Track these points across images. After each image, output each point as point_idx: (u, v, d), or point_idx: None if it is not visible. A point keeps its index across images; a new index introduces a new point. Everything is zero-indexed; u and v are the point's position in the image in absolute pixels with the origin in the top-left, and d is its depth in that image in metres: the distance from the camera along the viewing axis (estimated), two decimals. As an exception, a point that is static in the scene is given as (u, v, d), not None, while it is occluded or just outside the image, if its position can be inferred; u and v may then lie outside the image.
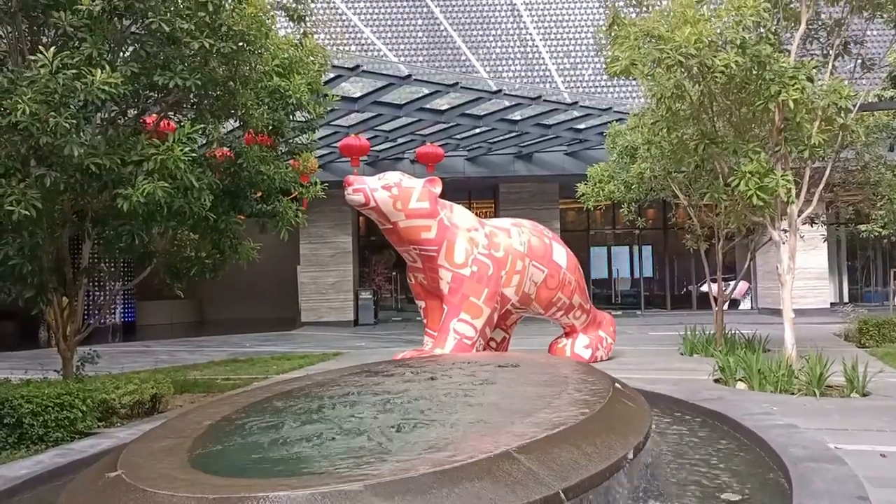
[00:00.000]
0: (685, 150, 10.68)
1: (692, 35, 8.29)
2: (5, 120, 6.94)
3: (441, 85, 16.23)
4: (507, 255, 10.70)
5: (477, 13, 23.88)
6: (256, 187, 9.89)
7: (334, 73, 14.39)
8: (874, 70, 11.47)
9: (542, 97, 17.45)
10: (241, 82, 8.73)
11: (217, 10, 7.84)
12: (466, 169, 22.96)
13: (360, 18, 23.05)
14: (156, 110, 9.07)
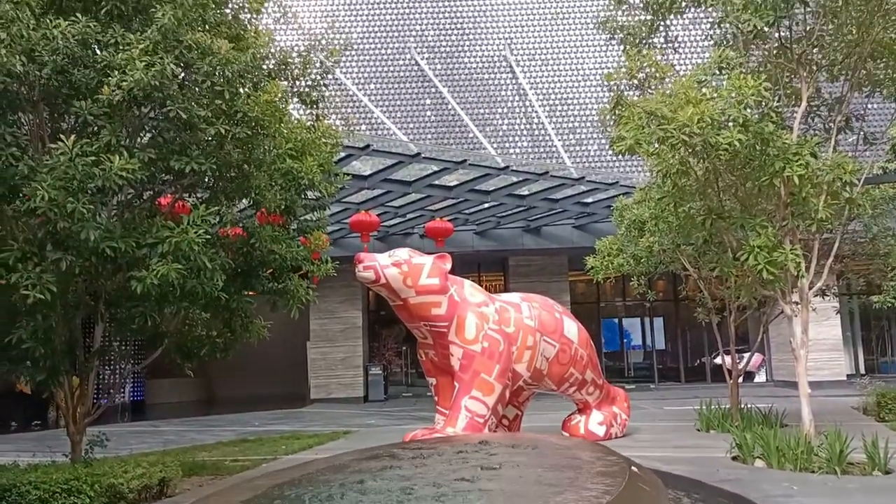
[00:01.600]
0: (693, 225, 10.75)
1: (695, 115, 8.48)
2: (24, 206, 7.11)
3: (449, 162, 16.52)
4: (518, 331, 10.67)
5: (483, 92, 24.49)
6: (268, 266, 9.98)
7: (346, 153, 14.69)
8: (876, 144, 11.63)
9: (548, 172, 17.71)
10: (255, 165, 8.93)
11: (233, 97, 8.09)
12: (475, 243, 23.12)
13: (371, 99, 23.66)
14: (171, 191, 9.26)
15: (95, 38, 7.75)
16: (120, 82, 7.37)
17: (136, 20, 8.35)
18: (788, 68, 10.68)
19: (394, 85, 24.40)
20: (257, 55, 8.72)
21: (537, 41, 24.90)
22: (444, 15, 25.02)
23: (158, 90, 7.57)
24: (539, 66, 24.77)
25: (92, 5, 8.08)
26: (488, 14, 25.10)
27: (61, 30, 7.29)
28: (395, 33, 24.83)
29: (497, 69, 24.74)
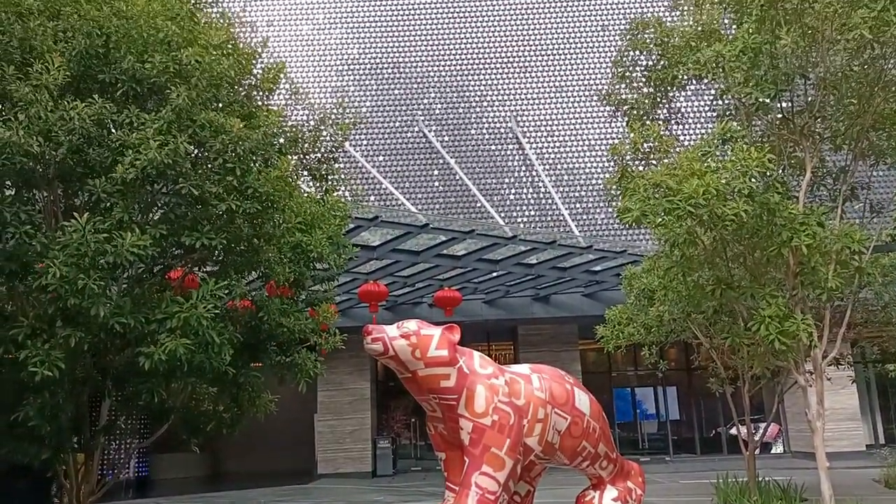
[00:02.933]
0: (702, 295, 10.70)
1: (700, 186, 8.55)
2: (35, 282, 7.16)
3: (458, 232, 16.63)
4: (529, 403, 10.45)
5: (490, 163, 24.84)
6: (276, 339, 9.96)
7: (354, 224, 14.83)
8: (883, 213, 11.66)
9: (556, 241, 17.78)
10: (264, 239, 9.03)
11: (244, 174, 8.24)
12: (484, 312, 23.05)
13: (380, 170, 24.02)
14: (181, 265, 9.33)
15: (111, 118, 7.97)
16: (134, 161, 7.53)
17: (151, 100, 8.59)
18: (791, 139, 10.82)
19: (402, 156, 24.79)
20: (268, 132, 8.91)
21: (543, 113, 25.37)
22: (451, 89, 25.60)
23: (171, 168, 7.72)
24: (545, 136, 25.17)
25: (109, 87, 8.32)
26: (495, 87, 25.66)
27: (78, 111, 7.50)
28: (404, 107, 25.38)
29: (504, 140, 25.15)
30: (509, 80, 25.65)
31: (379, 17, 26.36)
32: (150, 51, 8.29)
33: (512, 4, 26.58)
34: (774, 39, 9.74)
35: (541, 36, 26.25)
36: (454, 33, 26.22)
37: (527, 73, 25.78)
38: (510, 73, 25.77)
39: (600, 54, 25.35)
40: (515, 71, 25.80)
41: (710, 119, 13.29)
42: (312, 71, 25.70)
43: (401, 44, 26.07)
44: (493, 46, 26.09)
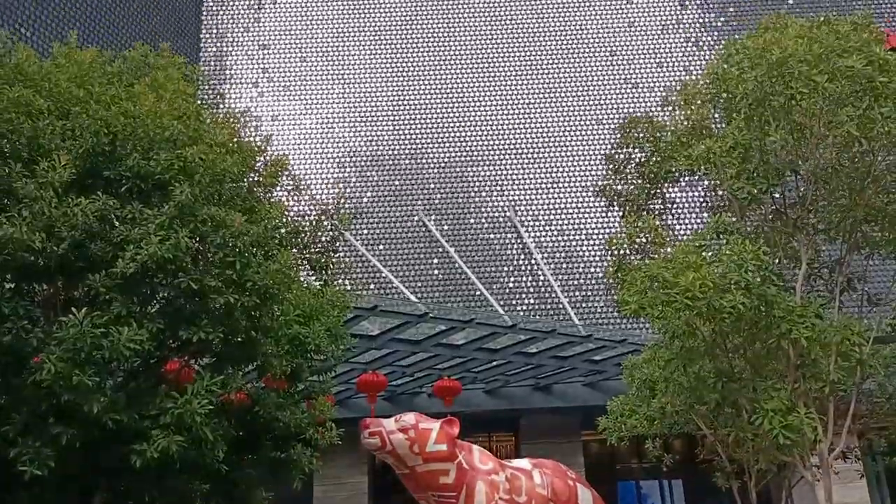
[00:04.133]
0: (704, 387, 10.58)
1: (696, 279, 8.59)
2: (30, 377, 7.11)
3: (457, 321, 16.59)
4: (530, 500, 10.21)
5: (489, 251, 25.04)
6: (272, 433, 9.80)
7: (354, 314, 14.81)
8: (881, 304, 11.66)
9: (556, 330, 17.72)
10: (262, 332, 9.01)
11: (244, 267, 8.30)
12: (485, 402, 22.71)
13: (380, 259, 24.19)
14: (177, 357, 9.27)
15: (114, 213, 8.10)
16: (135, 255, 7.61)
17: (155, 196, 8.73)
18: (785, 232, 10.93)
19: (402, 245, 25.01)
20: (270, 226, 9.05)
21: (541, 202, 25.77)
22: (450, 179, 26.09)
23: (172, 262, 7.80)
24: (543, 225, 25.47)
25: (113, 183, 8.48)
26: (493, 178, 26.16)
27: (82, 207, 7.63)
28: (404, 197, 25.80)
29: (502, 229, 25.44)
30: (507, 170, 26.18)
31: (380, 111, 27.14)
32: (155, 148, 8.51)
33: (509, 97, 27.40)
34: (764, 136, 9.98)
35: (537, 128, 26.95)
36: (454, 126, 26.93)
37: (524, 164, 26.34)
38: (508, 163, 26.32)
39: (595, 146, 25.95)
40: (513, 162, 26.36)
41: (704, 209, 13.47)
42: (315, 162, 26.26)
43: (401, 136, 26.74)
44: (492, 138, 26.75)
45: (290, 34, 28.52)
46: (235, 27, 28.67)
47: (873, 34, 10.10)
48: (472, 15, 28.95)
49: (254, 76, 27.98)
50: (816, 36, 9.79)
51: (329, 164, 26.30)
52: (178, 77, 9.62)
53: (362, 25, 28.68)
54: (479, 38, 28.57)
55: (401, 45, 28.33)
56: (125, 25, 24.23)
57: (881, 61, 9.44)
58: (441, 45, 28.40)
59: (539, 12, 29.06)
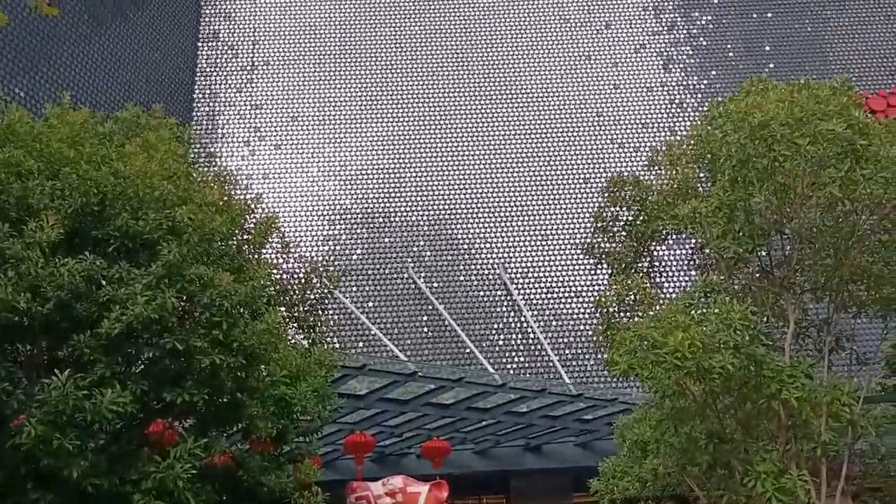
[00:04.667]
0: (696, 448, 10.46)
1: (685, 339, 8.58)
2: (10, 441, 6.96)
3: (446, 380, 16.44)
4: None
5: (479, 309, 25.01)
6: (256, 498, 9.56)
7: (342, 374, 14.65)
8: (870, 364, 11.66)
9: (546, 390, 17.58)
10: (247, 393, 8.88)
11: (231, 327, 8.23)
12: (474, 463, 22.34)
13: (369, 317, 24.10)
14: (161, 418, 9.10)
15: (101, 273, 8.05)
16: (120, 316, 7.54)
17: (142, 255, 8.70)
18: (773, 291, 10.99)
19: (392, 303, 24.95)
20: (258, 285, 9.01)
21: (530, 260, 25.87)
22: (440, 237, 26.22)
23: (157, 323, 7.73)
24: (532, 283, 25.51)
25: (101, 242, 8.46)
26: (483, 236, 26.31)
27: (68, 268, 7.58)
28: (394, 254, 25.86)
29: (492, 287, 25.46)
30: (497, 228, 26.36)
31: (371, 169, 27.43)
32: (144, 208, 8.52)
33: (499, 155, 27.78)
34: (748, 196, 10.11)
35: (527, 187, 27.26)
36: (444, 184, 27.20)
37: (514, 222, 26.53)
38: (498, 221, 26.52)
39: (583, 204, 26.23)
40: (503, 220, 26.56)
41: (692, 268, 13.55)
42: (305, 220, 26.37)
43: (392, 194, 26.97)
44: (482, 196, 27.01)
45: (282, 94, 28.97)
46: (228, 88, 29.11)
47: (852, 98, 10.35)
48: (462, 75, 29.55)
49: (245, 135, 28.29)
50: (797, 100, 10.02)
51: (319, 222, 26.41)
52: (169, 137, 9.71)
53: (354, 85, 29.20)
54: (470, 97, 29.11)
55: (392, 104, 28.81)
56: (120, 87, 24.55)
57: (861, 125, 9.66)
58: (431, 104, 28.90)
59: (528, 74, 29.70)
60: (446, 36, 30.24)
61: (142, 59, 26.23)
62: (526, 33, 30.52)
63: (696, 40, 30.96)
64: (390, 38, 30.06)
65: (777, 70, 29.49)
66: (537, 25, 30.66)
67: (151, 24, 26.98)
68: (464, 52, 29.95)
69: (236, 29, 30.19)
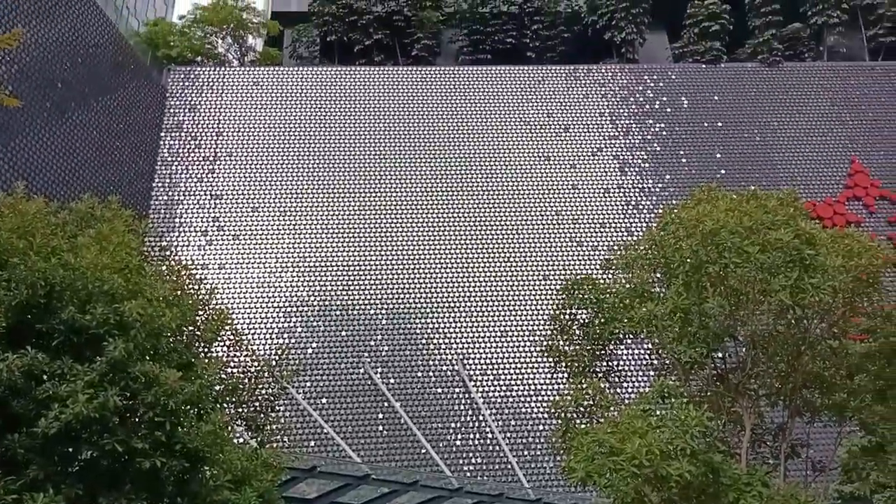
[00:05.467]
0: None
1: (643, 446, 8.49)
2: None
3: (400, 484, 15.92)
4: None
5: (436, 407, 24.59)
6: None
7: (290, 476, 14.09)
8: (825, 471, 11.65)
9: (504, 494, 17.12)
10: (189, 499, 8.43)
11: (174, 428, 7.90)
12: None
13: (322, 414, 23.49)
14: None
15: (42, 368, 7.71)
16: (59, 414, 7.19)
17: (87, 350, 8.39)
18: (728, 396, 11.04)
19: (346, 399, 24.39)
20: (205, 384, 8.71)
21: (489, 357, 25.70)
22: (398, 331, 26.00)
23: (98, 422, 7.38)
24: (491, 381, 25.26)
25: (46, 336, 8.14)
26: (442, 331, 26.16)
27: (8, 363, 7.26)
28: (350, 349, 25.49)
29: (450, 384, 25.12)
30: (456, 324, 26.25)
31: (329, 261, 27.35)
32: (93, 301, 8.27)
33: (458, 251, 27.99)
34: (702, 301, 10.29)
35: (486, 283, 27.38)
36: (403, 278, 27.19)
37: (473, 319, 26.48)
38: (457, 317, 26.44)
39: (543, 302, 26.34)
40: (462, 315, 26.50)
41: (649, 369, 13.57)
42: (261, 312, 25.97)
43: (350, 286, 26.82)
44: (441, 291, 27.01)
45: (243, 185, 29.07)
46: (189, 178, 29.15)
47: (798, 209, 10.76)
48: (423, 171, 30.11)
49: (204, 225, 28.13)
50: (746, 209, 10.38)
51: (275, 314, 26.03)
52: (123, 229, 9.55)
53: (315, 178, 29.49)
54: (431, 192, 29.56)
55: (352, 197, 29.07)
56: (78, 176, 24.37)
57: (807, 235, 10.00)
58: (392, 198, 29.24)
59: (488, 173, 30.39)
60: (408, 134, 30.96)
61: (103, 148, 26.18)
62: (487, 133, 31.42)
63: (651, 145, 32.18)
64: (353, 135, 30.66)
65: (728, 176, 30.69)
66: (499, 126, 31.62)
67: (115, 113, 27.11)
68: (425, 149, 30.63)
69: (201, 121, 30.51)
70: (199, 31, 34.94)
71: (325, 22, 35.56)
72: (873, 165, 32.04)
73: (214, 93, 31.24)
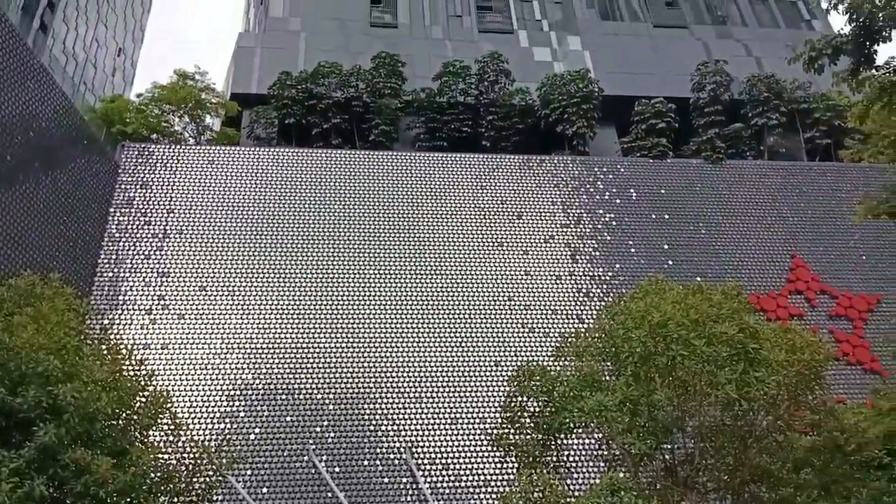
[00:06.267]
0: None
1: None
2: None
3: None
4: None
5: (383, 497, 23.86)
6: None
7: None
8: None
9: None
10: None
11: (102, 521, 7.47)
12: None
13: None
14: None
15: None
16: (-24, 507, 6.73)
17: (16, 434, 7.98)
18: (677, 490, 10.95)
19: (289, 488, 23.47)
20: (139, 472, 8.32)
21: (438, 446, 25.16)
22: (345, 417, 25.39)
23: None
24: (440, 470, 24.66)
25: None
26: (390, 417, 25.62)
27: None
28: (295, 435, 24.73)
29: (398, 473, 24.42)
30: (404, 410, 25.76)
31: (276, 344, 26.82)
32: (25, 383, 7.92)
33: (408, 335, 27.77)
34: (650, 392, 10.33)
35: (436, 368, 27.10)
36: (351, 362, 26.75)
37: (422, 405, 26.04)
38: (405, 404, 25.97)
39: (493, 389, 26.14)
40: (410, 402, 26.05)
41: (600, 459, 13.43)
42: (203, 395, 25.15)
43: (296, 370, 26.24)
44: (390, 376, 26.60)
45: (191, 263, 28.62)
46: (136, 254, 28.62)
47: (742, 304, 11.02)
48: (374, 254, 30.12)
49: (148, 304, 27.45)
50: (692, 302, 10.59)
51: (218, 397, 25.22)
52: (63, 308, 9.27)
53: (264, 258, 29.22)
54: (381, 275, 29.51)
55: (301, 279, 28.81)
56: (21, 251, 23.71)
57: (751, 329, 10.21)
58: (341, 280, 29.06)
59: (441, 257, 30.54)
60: (359, 216, 31.10)
61: (49, 223, 25.63)
62: (441, 218, 31.76)
63: (601, 234, 32.89)
64: (306, 216, 30.66)
65: (675, 267, 31.44)
66: (453, 212, 32.03)
67: (64, 188, 26.68)
68: (376, 230, 30.74)
69: (152, 197, 30.22)
70: (157, 109, 35.05)
71: (284, 105, 36.05)
72: (813, 261, 33.22)
73: (168, 170, 31.10)
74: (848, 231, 33.53)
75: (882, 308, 32.23)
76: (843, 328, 31.69)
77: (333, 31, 42.08)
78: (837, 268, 33.20)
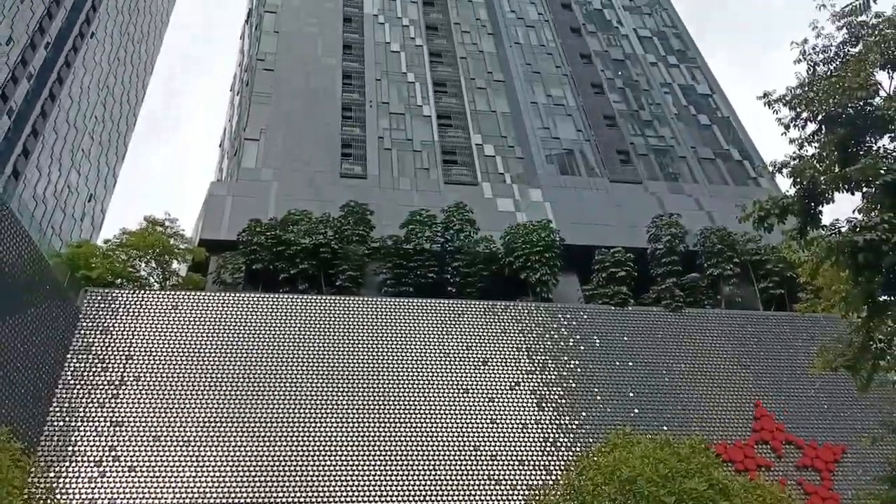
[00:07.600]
0: None
1: None
2: None
3: None
4: None
5: None
6: None
7: None
8: None
9: None
10: None
11: None
12: None
13: None
14: None
15: None
16: None
17: None
18: None
19: None
20: None
21: None
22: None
23: None
24: None
25: None
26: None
27: None
28: None
29: None
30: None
31: (232, 498, 25.56)
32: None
33: (370, 488, 26.70)
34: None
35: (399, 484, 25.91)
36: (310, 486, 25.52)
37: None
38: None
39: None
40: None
41: None
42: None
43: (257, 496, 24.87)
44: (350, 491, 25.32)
45: (147, 413, 27.63)
46: (90, 402, 27.60)
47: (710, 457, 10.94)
48: (334, 400, 29.46)
49: (99, 455, 26.18)
50: (660, 456, 10.48)
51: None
52: (8, 464, 8.84)
53: (224, 406, 28.38)
54: (345, 424, 28.74)
55: (261, 432, 27.93)
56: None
57: (721, 485, 10.07)
58: (300, 433, 28.21)
59: (405, 404, 30.00)
60: (323, 363, 30.67)
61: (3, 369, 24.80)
62: (407, 364, 31.49)
63: (567, 381, 32.77)
64: (268, 363, 30.18)
65: (641, 415, 31.22)
66: (418, 357, 31.82)
67: (21, 333, 26.06)
68: (343, 378, 30.25)
69: (112, 343, 29.59)
70: (123, 255, 35.08)
71: (252, 250, 36.40)
72: (777, 409, 33.33)
73: (130, 315, 30.70)
74: (808, 380, 33.94)
75: (847, 458, 32.08)
76: (811, 479, 31.35)
77: (304, 181, 43.35)
78: (800, 417, 33.32)
